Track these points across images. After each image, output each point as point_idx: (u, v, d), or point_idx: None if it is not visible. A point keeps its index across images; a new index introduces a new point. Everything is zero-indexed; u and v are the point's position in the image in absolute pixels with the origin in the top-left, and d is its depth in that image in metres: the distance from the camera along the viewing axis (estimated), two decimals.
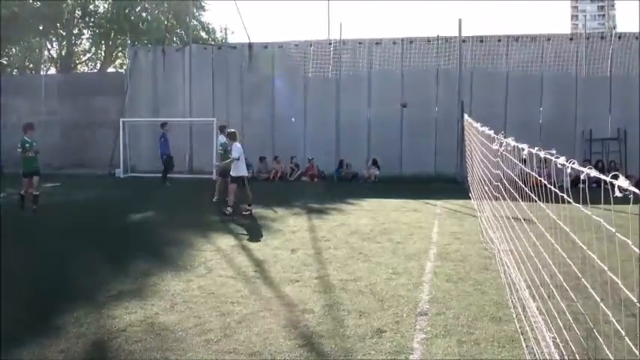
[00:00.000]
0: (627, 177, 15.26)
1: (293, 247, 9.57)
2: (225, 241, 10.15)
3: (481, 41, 22.02)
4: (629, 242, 2.80)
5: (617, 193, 2.60)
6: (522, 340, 5.20)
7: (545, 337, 5.08)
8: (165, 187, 18.89)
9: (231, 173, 13.37)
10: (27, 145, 13.09)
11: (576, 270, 4.27)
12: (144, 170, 23.97)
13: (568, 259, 4.43)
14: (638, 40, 21.42)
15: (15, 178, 22.36)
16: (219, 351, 5.14)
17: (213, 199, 14.97)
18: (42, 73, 37.79)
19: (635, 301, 2.81)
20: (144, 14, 40.13)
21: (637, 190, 2.36)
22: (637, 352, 2.89)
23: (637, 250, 2.63)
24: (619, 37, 21.67)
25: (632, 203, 2.32)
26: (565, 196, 4.00)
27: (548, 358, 4.67)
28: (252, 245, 9.82)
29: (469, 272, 7.82)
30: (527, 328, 5.25)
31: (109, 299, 6.79)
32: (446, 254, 8.97)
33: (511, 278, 6.74)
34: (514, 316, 5.85)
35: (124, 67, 35.64)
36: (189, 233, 11.01)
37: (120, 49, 42.19)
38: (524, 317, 5.49)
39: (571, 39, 22.21)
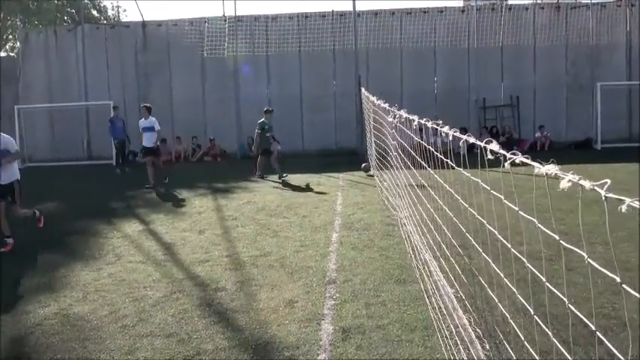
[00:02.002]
0: (520, 141, 16.12)
1: (201, 228, 9.63)
2: (132, 227, 10.07)
3: (375, 15, 22.49)
4: (504, 200, 3.13)
5: (490, 156, 2.91)
6: (426, 297, 5.57)
7: (448, 293, 5.48)
8: (125, 173, 18.48)
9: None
10: None
11: (462, 229, 4.64)
12: (42, 159, 23.10)
13: (455, 221, 4.80)
14: (527, 10, 22.54)
15: None
16: (136, 335, 5.20)
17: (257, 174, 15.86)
18: None
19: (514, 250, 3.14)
20: None
21: (505, 152, 2.67)
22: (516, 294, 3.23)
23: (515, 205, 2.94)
24: (509, 9, 22.73)
25: (511, 165, 2.61)
26: (453, 165, 4.32)
27: (450, 312, 5.05)
28: (159, 229, 9.79)
29: (373, 240, 8.18)
30: (430, 287, 5.62)
31: (21, 294, 6.67)
32: (350, 224, 9.31)
33: (414, 243, 7.13)
34: (417, 277, 6.22)
35: (16, 50, 33.97)
36: (94, 221, 10.82)
37: (10, 31, 40.04)
38: (427, 278, 5.86)
39: (463, 11, 23.09)
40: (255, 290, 6.23)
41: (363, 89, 18.11)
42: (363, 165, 15.75)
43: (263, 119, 15.81)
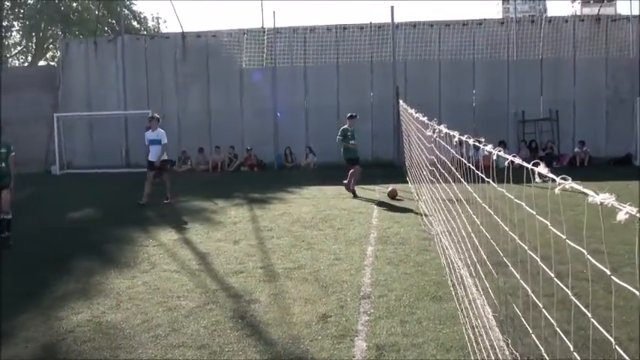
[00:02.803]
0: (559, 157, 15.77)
1: (236, 239, 9.62)
2: (167, 236, 10.11)
3: (414, 27, 22.39)
4: (549, 224, 3.00)
5: (538, 180, 2.79)
6: (462, 316, 5.43)
7: (484, 313, 5.34)
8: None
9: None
10: None
11: (497, 249, 4.50)
12: (80, 166, 23.51)
13: (493, 238, 4.65)
14: (567, 23, 22.19)
15: None
16: (167, 346, 5.18)
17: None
18: None
19: (553, 276, 3.01)
20: (74, 4, 39.05)
21: (554, 177, 2.55)
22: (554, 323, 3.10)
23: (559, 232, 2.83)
24: (549, 21, 22.39)
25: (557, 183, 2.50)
26: (490, 181, 4.20)
27: (487, 332, 4.91)
28: (195, 238, 9.81)
29: (409, 254, 8.05)
30: (467, 305, 5.48)
31: (54, 301, 6.70)
32: (386, 238, 9.19)
33: (450, 258, 6.99)
34: (453, 294, 6.08)
35: (56, 59, 34.68)
36: (131, 229, 10.90)
37: (51, 41, 40.99)
38: (464, 295, 5.72)
39: (502, 23, 22.84)
40: (288, 303, 6.16)
41: (401, 101, 18.01)
42: (390, 189, 14.03)
43: (345, 126, 14.60)
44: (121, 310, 6.21)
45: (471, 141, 4.87)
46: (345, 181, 14.37)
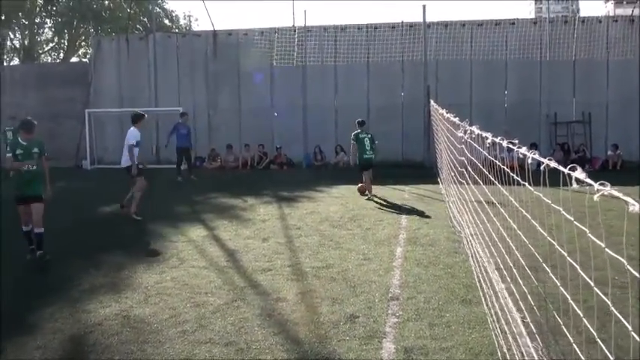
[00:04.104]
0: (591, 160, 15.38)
1: (264, 236, 9.63)
2: (196, 232, 10.15)
3: (446, 26, 22.18)
4: (588, 231, 2.91)
5: (575, 185, 2.71)
6: (491, 321, 5.34)
7: (514, 318, 5.23)
8: (190, 179, 18.07)
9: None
10: (20, 152, 8.18)
11: (533, 252, 4.40)
12: (111, 162, 23.71)
13: (525, 241, 4.55)
14: (601, 23, 21.79)
15: None
16: (195, 341, 5.20)
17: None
18: (5, 64, 37.07)
19: (592, 283, 2.93)
20: (106, 2, 39.52)
21: (592, 182, 2.47)
22: (594, 332, 3.02)
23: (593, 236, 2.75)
24: (582, 22, 21.99)
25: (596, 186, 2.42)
26: (525, 183, 4.11)
27: (516, 337, 4.81)
28: (223, 235, 9.84)
29: (439, 256, 7.97)
30: (496, 310, 5.39)
31: (82, 294, 6.78)
32: (415, 239, 9.11)
33: (480, 261, 6.89)
34: (483, 298, 5.99)
35: (88, 56, 35.10)
36: (160, 224, 10.99)
37: (83, 38, 41.54)
38: (494, 299, 5.63)
39: (535, 23, 22.48)
40: (316, 303, 6.13)
41: (432, 101, 17.85)
42: (360, 185, 14.30)
43: (357, 131, 14.35)
44: (149, 305, 6.25)
45: (504, 143, 4.78)
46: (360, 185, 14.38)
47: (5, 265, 7.95)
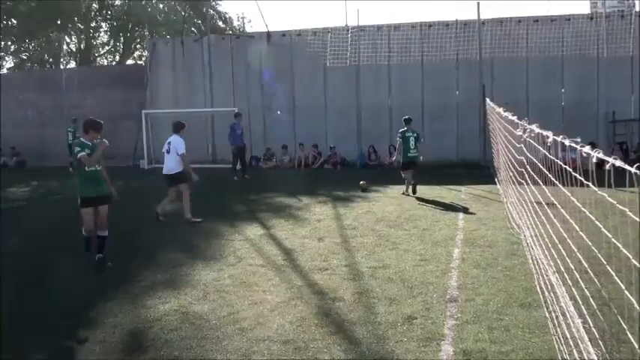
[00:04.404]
0: None
1: (320, 236, 9.66)
2: (253, 231, 10.26)
3: (500, 23, 21.76)
4: None
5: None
6: (551, 325, 5.23)
7: (575, 323, 5.12)
8: (243, 179, 18.31)
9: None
10: (84, 151, 7.96)
11: (597, 255, 4.28)
12: None
13: (585, 244, 4.43)
14: None
15: (40, 171, 22.79)
16: (253, 339, 5.25)
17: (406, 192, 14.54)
18: (62, 67, 38.19)
19: None
20: (161, 6, 40.32)
21: None
22: None
23: None
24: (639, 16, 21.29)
25: None
26: (589, 183, 4.01)
27: (577, 343, 4.70)
28: (280, 234, 9.92)
29: (497, 258, 7.85)
30: (557, 314, 5.27)
31: (142, 289, 6.94)
32: (473, 240, 8.99)
33: (539, 263, 6.76)
34: (543, 301, 5.87)
35: (143, 59, 35.87)
36: (217, 223, 11.16)
37: (138, 41, 42.48)
38: (554, 303, 5.51)
39: (591, 18, 21.81)
40: (373, 303, 6.12)
41: (487, 99, 17.59)
42: (362, 182, 15.18)
43: (404, 128, 14.56)
44: (207, 302, 6.35)
45: (567, 142, 4.67)
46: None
47: (64, 261, 8.20)
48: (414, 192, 14.03)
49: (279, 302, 6.24)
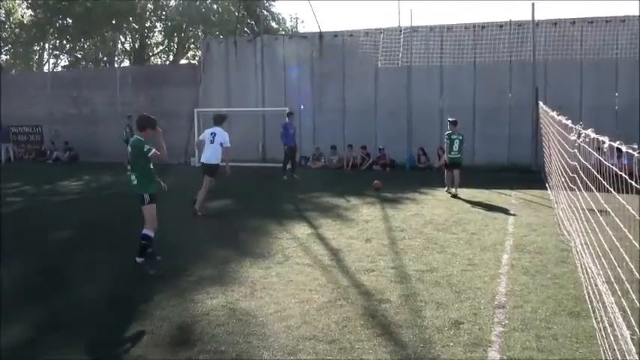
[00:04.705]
0: None
1: (367, 237, 9.67)
2: (301, 230, 10.34)
3: (555, 25, 21.33)
4: None
5: None
6: (599, 336, 5.14)
7: (624, 334, 5.01)
8: (293, 178, 18.50)
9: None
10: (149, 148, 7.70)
11: None
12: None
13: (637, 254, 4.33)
14: None
15: (92, 166, 23.38)
16: (299, 337, 5.31)
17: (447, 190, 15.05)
18: (116, 65, 39.09)
19: None
20: (215, 6, 40.88)
21: None
22: None
23: None
24: None
25: None
26: None
27: (625, 355, 4.61)
28: (327, 234, 9.96)
29: (546, 265, 7.73)
30: (605, 324, 5.17)
31: (190, 284, 7.07)
32: (522, 246, 8.87)
33: (589, 272, 6.63)
34: (591, 311, 5.77)
35: (197, 58, 36.43)
36: (266, 221, 11.27)
37: (192, 40, 43.18)
38: (603, 313, 5.41)
39: None
40: (420, 306, 6.11)
41: (540, 103, 17.29)
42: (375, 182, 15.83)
43: (450, 131, 14.99)
44: (254, 299, 6.43)
45: (623, 148, 4.56)
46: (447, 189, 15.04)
47: (115, 253, 8.40)
48: (455, 195, 14.35)
49: (326, 302, 6.28)
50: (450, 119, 15.30)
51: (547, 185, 14.58)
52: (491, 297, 6.38)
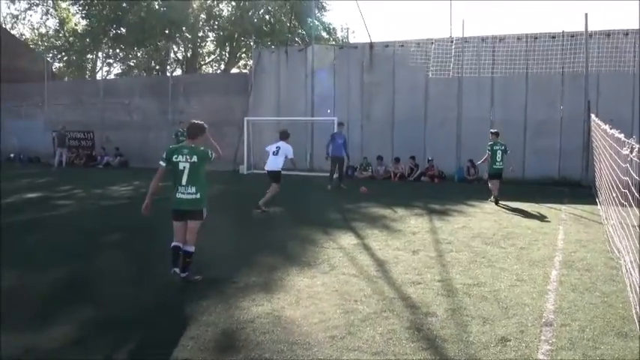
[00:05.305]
0: None
1: (414, 249, 9.64)
2: (347, 240, 10.37)
3: (608, 36, 20.88)
4: None
5: None
6: None
7: None
8: (340, 188, 18.60)
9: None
10: (180, 156, 7.56)
11: None
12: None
13: None
14: None
15: (142, 172, 23.88)
16: (343, 348, 5.32)
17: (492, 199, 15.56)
18: (168, 74, 39.87)
19: None
20: (267, 16, 41.35)
21: None
22: None
23: None
24: None
25: None
26: None
27: None
28: (374, 245, 9.97)
29: (595, 283, 7.59)
30: None
31: (236, 291, 7.14)
32: (571, 262, 8.73)
33: (638, 291, 6.50)
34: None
35: (248, 67, 36.87)
36: (312, 230, 11.34)
37: (243, 50, 43.74)
38: None
39: None
40: (466, 321, 6.07)
41: (592, 115, 16.98)
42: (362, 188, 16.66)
43: (492, 142, 15.80)
44: (300, 307, 6.48)
45: None
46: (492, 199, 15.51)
47: (163, 258, 8.57)
48: (497, 203, 15.05)
49: (371, 313, 6.29)
50: (492, 130, 16.03)
51: (597, 200, 14.30)
52: (539, 314, 6.29)
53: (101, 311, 6.43)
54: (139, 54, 44.58)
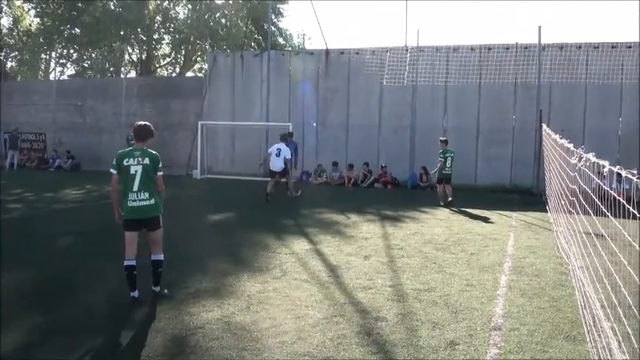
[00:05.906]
0: None
1: (366, 254, 9.64)
2: (300, 245, 10.32)
3: (561, 49, 21.38)
4: None
5: None
6: None
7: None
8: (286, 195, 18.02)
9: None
10: (132, 159, 7.03)
11: None
12: (219, 172, 24.69)
13: (633, 279, 4.31)
14: None
15: (94, 175, 23.43)
16: (293, 353, 5.28)
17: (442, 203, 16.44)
18: (122, 76, 39.31)
19: None
20: (223, 20, 41.15)
21: None
22: None
23: None
24: None
25: None
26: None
27: None
28: (326, 250, 9.94)
29: (544, 288, 7.70)
30: (600, 350, 5.13)
31: (187, 296, 7.04)
32: (521, 268, 8.84)
33: (586, 296, 6.61)
34: (587, 336, 5.74)
35: (203, 71, 36.59)
36: (265, 235, 11.26)
37: (199, 53, 43.41)
38: (598, 338, 5.37)
39: None
40: (416, 325, 6.08)
41: (544, 125, 17.32)
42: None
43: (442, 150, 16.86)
44: (250, 313, 6.41)
45: (623, 172, 4.57)
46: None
47: (112, 262, 8.39)
48: (447, 205, 16.14)
49: (321, 318, 6.26)
50: (441, 138, 17.33)
51: (547, 208, 14.58)
52: (488, 318, 6.35)
53: (49, 318, 6.26)
54: (93, 55, 43.79)
